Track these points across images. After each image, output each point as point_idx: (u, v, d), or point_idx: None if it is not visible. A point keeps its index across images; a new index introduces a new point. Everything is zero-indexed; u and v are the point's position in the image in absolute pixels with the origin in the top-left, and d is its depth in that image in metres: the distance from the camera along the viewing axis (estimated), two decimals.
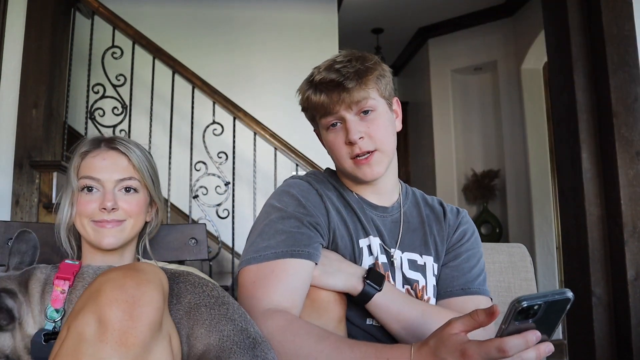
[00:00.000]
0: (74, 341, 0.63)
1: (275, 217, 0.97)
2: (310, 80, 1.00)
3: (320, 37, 3.79)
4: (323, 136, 1.03)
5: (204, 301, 0.77)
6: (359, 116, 0.97)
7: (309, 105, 1.00)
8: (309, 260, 0.92)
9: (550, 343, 0.68)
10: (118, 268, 0.70)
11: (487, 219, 4.48)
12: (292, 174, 2.96)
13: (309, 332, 0.82)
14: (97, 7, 2.53)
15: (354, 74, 0.95)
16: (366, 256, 1.00)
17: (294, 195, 0.99)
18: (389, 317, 0.92)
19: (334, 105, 0.95)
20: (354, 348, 0.79)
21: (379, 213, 1.05)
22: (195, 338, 0.74)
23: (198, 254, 1.31)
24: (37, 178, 2.26)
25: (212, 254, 2.54)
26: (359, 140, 0.95)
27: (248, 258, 0.93)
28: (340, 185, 1.07)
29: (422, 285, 1.01)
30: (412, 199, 1.12)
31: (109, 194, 1.04)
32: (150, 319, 0.64)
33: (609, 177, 1.97)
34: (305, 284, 0.91)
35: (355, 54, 0.99)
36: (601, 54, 1.99)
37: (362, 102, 0.96)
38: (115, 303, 0.63)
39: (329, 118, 0.98)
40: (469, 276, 1.03)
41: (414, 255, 1.04)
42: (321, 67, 0.99)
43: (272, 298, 0.87)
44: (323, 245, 0.98)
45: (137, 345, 0.63)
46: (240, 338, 0.75)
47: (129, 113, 2.57)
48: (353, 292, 0.92)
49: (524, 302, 0.62)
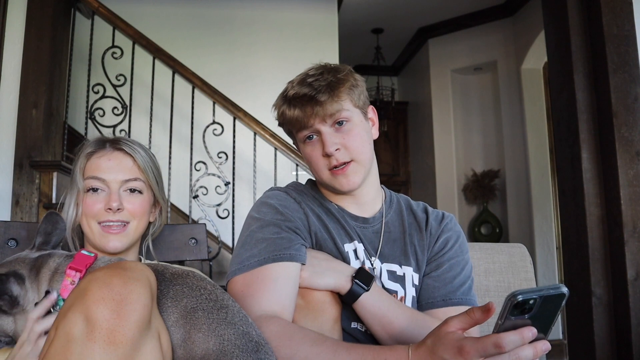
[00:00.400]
0: (62, 341, 0.63)
1: (255, 227, 0.98)
2: (284, 95, 1.01)
3: (320, 37, 3.79)
4: (301, 149, 1.05)
5: (202, 305, 0.77)
6: (333, 128, 0.98)
7: (285, 120, 1.01)
8: (292, 261, 0.92)
9: (547, 342, 0.68)
10: (105, 267, 0.70)
11: (487, 219, 4.48)
12: (292, 174, 2.96)
13: (304, 337, 0.82)
14: (97, 7, 2.53)
15: (326, 87, 0.96)
16: (353, 260, 1.00)
17: (271, 204, 1.01)
18: (374, 319, 0.92)
19: (308, 119, 0.97)
20: (351, 350, 0.79)
21: (359, 224, 1.05)
22: (192, 342, 0.73)
23: (198, 254, 1.31)
24: (37, 178, 2.26)
25: (212, 254, 2.54)
26: (335, 152, 0.97)
27: (234, 270, 0.95)
28: (321, 196, 1.08)
29: (401, 296, 1.01)
30: (396, 207, 1.11)
31: (115, 194, 1.05)
32: (138, 316, 0.64)
33: (609, 177, 1.97)
34: (292, 285, 0.91)
35: (328, 66, 1.01)
36: (601, 54, 1.99)
37: (335, 114, 0.97)
38: (103, 302, 0.63)
39: (305, 131, 0.99)
40: (450, 286, 1.02)
41: (394, 266, 1.03)
42: (294, 81, 1.01)
43: (261, 305, 0.88)
44: (306, 246, 0.98)
45: (126, 344, 0.63)
46: (243, 342, 0.74)
47: (129, 113, 2.57)
48: (341, 291, 0.92)
49: (519, 295, 0.63)
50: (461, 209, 4.62)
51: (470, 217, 4.59)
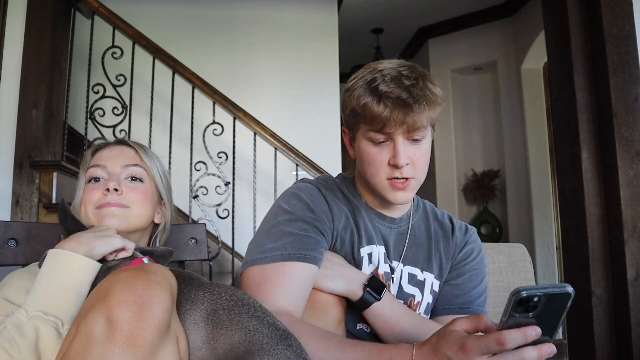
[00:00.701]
0: (82, 340, 0.63)
1: (283, 219, 0.96)
2: (372, 86, 0.91)
3: (320, 37, 3.79)
4: (360, 145, 0.97)
5: (222, 305, 0.77)
6: (409, 141, 0.93)
7: (365, 113, 0.92)
8: (314, 264, 0.92)
9: (553, 345, 0.67)
10: (129, 269, 0.70)
11: (487, 219, 4.48)
12: (292, 174, 2.96)
13: (312, 333, 0.83)
14: (97, 7, 2.53)
15: (423, 98, 0.89)
16: (365, 266, 0.99)
17: (303, 199, 0.98)
18: (384, 327, 0.92)
19: (394, 123, 0.90)
20: (357, 347, 0.80)
21: (386, 224, 1.04)
22: (216, 341, 0.73)
23: (198, 254, 1.31)
24: (37, 178, 2.26)
25: (212, 254, 2.54)
26: (405, 166, 0.93)
27: (253, 259, 0.93)
28: (351, 192, 1.06)
29: (418, 301, 1.01)
30: (422, 212, 1.11)
31: (114, 176, 1.04)
32: (158, 320, 0.65)
33: (609, 177, 1.97)
34: (308, 288, 0.91)
35: (420, 71, 0.93)
36: (601, 54, 1.99)
37: (419, 130, 0.92)
38: (125, 304, 0.63)
39: (380, 136, 0.93)
40: (469, 296, 1.03)
41: (415, 270, 1.03)
42: (386, 75, 0.91)
43: (275, 300, 0.87)
44: (326, 248, 0.98)
45: (145, 347, 0.63)
46: (270, 330, 0.74)
47: (129, 113, 2.57)
48: (352, 298, 0.93)
49: (523, 292, 0.62)
50: (461, 209, 4.62)
51: (470, 217, 4.59)
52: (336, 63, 3.76)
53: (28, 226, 1.15)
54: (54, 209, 2.28)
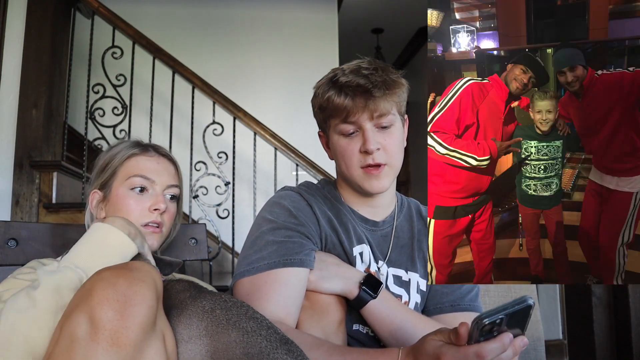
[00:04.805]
0: (66, 341, 0.63)
1: (266, 228, 0.97)
2: (333, 80, 0.97)
3: (320, 37, 3.79)
4: (333, 140, 1.01)
5: (220, 305, 0.77)
6: (377, 127, 0.96)
7: (329, 106, 0.97)
8: (302, 267, 0.92)
9: (525, 337, 0.70)
10: (111, 267, 0.69)
11: None
12: (292, 174, 2.96)
13: (303, 341, 0.82)
14: (97, 7, 2.53)
15: (382, 84, 0.93)
16: (359, 263, 1.00)
17: (284, 206, 0.99)
18: (381, 324, 0.93)
19: (357, 110, 0.93)
20: (346, 354, 0.81)
21: (369, 227, 1.04)
22: (209, 337, 0.73)
23: (198, 254, 1.31)
24: (37, 178, 2.27)
25: (212, 254, 2.54)
26: (375, 151, 0.95)
27: (241, 271, 0.94)
28: (334, 196, 1.07)
29: (405, 301, 1.01)
30: (407, 212, 1.11)
31: (161, 196, 1.06)
32: (142, 318, 0.64)
33: None
34: (299, 292, 0.91)
35: (379, 64, 0.97)
36: None
37: (384, 115, 0.95)
38: (107, 302, 0.63)
39: (348, 127, 0.96)
40: (459, 293, 1.03)
41: (400, 271, 1.03)
42: (345, 69, 0.96)
43: (266, 309, 0.87)
44: (315, 250, 0.97)
45: (129, 345, 0.63)
46: (269, 332, 0.73)
47: (129, 113, 2.57)
48: (349, 296, 0.93)
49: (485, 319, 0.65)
50: None
51: None
52: (336, 63, 3.76)
53: (28, 226, 1.15)
54: (54, 209, 2.28)
